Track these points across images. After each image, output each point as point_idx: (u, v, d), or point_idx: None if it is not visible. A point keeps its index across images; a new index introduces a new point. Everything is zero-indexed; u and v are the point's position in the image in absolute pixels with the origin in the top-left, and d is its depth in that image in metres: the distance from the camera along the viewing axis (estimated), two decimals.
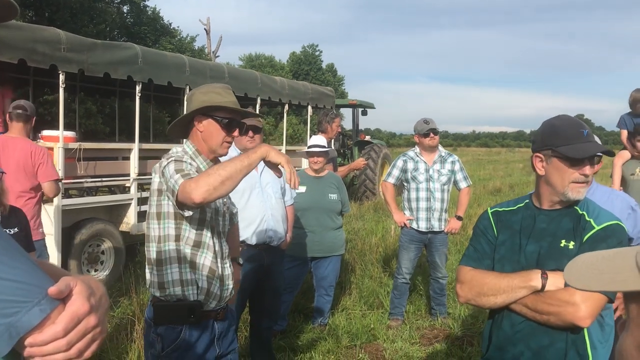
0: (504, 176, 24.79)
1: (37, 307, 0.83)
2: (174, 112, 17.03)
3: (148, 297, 5.37)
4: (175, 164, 2.29)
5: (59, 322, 0.85)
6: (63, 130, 6.08)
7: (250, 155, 2.18)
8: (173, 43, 26.13)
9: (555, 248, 2.00)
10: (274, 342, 4.60)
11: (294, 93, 9.95)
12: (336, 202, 5.08)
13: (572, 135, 1.96)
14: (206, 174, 2.14)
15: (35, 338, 0.84)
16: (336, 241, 5.13)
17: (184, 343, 2.40)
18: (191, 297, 2.40)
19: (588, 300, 1.83)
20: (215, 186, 2.09)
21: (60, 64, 5.87)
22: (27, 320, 0.82)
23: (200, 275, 2.41)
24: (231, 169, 2.12)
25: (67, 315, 0.86)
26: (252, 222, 3.87)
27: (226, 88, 2.50)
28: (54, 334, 0.85)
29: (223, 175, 2.10)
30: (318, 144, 5.02)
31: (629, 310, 0.77)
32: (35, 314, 0.83)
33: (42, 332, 0.84)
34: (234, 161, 2.16)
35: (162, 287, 2.41)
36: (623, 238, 1.96)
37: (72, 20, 19.80)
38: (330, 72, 53.58)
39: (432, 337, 5.17)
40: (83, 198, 6.67)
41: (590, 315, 1.84)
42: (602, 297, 1.86)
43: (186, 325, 2.40)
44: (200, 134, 2.46)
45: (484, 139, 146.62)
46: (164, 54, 7.78)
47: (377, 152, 13.55)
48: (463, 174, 5.38)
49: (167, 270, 2.39)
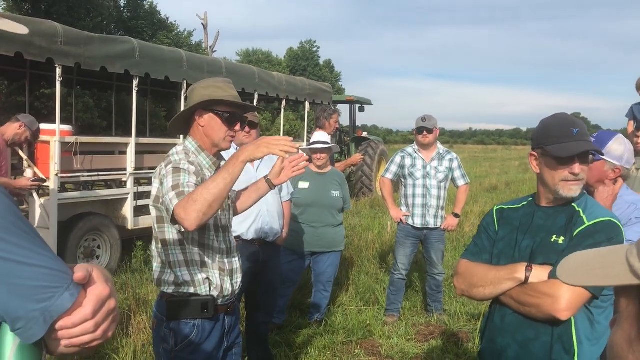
0: (500, 174, 24.84)
1: (68, 292, 0.88)
2: (171, 107, 17.01)
3: (144, 292, 5.39)
4: (172, 177, 2.26)
5: (86, 304, 0.90)
6: (60, 124, 6.06)
7: (231, 169, 2.12)
8: (170, 37, 26.09)
9: (546, 243, 2.03)
10: (271, 337, 4.60)
11: (292, 89, 9.94)
12: (338, 199, 5.09)
13: (562, 134, 1.98)
14: (192, 200, 2.08)
15: (67, 321, 0.88)
16: (336, 237, 5.14)
17: (198, 337, 2.43)
18: (204, 292, 2.42)
19: (567, 294, 1.86)
20: (204, 212, 2.07)
21: (57, 57, 5.85)
22: (61, 305, 0.87)
23: (211, 274, 2.44)
24: (215, 190, 2.08)
25: (94, 299, 0.91)
26: (248, 217, 3.86)
27: (227, 82, 2.49)
28: (84, 316, 0.90)
29: (209, 200, 2.07)
30: (321, 140, 5.01)
31: (620, 304, 0.78)
32: (67, 299, 0.88)
33: (72, 315, 0.88)
34: (217, 180, 2.10)
35: (174, 285, 2.42)
36: (613, 235, 1.94)
37: (69, 14, 19.74)
38: (327, 68, 53.52)
39: (428, 333, 5.19)
40: (79, 192, 6.66)
41: (568, 309, 1.87)
42: (583, 292, 1.87)
43: (199, 319, 2.42)
44: (202, 129, 2.45)
45: (480, 136, 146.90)
46: (162, 49, 7.76)
47: (374, 149, 13.56)
48: (461, 172, 5.38)
49: (178, 272, 2.41)
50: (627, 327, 0.76)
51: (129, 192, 6.80)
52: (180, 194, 2.16)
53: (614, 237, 1.94)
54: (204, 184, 2.14)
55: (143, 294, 5.37)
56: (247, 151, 2.15)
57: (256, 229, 3.95)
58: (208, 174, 2.44)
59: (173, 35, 27.37)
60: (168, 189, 2.22)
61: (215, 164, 2.50)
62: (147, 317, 4.72)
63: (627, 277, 0.72)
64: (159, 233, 2.44)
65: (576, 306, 1.89)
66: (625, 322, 0.77)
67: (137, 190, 6.90)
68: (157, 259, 2.48)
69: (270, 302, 4.17)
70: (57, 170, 5.90)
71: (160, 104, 17.88)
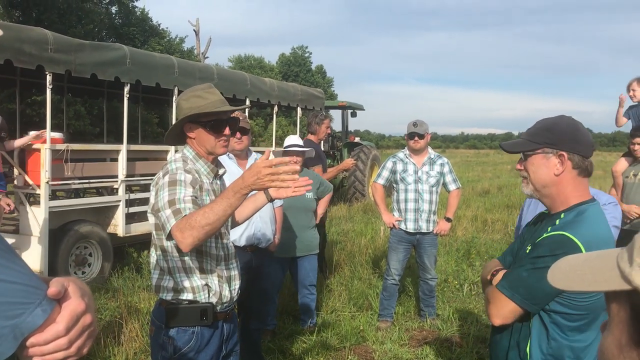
0: (492, 178, 24.92)
1: (40, 307, 0.85)
2: (162, 114, 16.99)
3: (135, 300, 5.36)
4: (169, 190, 2.26)
5: (60, 321, 0.88)
6: (50, 132, 6.03)
7: (232, 199, 2.11)
8: (162, 44, 26.05)
9: (522, 250, 2.04)
10: (264, 343, 4.59)
11: (284, 94, 9.94)
12: (312, 200, 5.14)
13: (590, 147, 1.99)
14: (189, 225, 2.09)
15: (38, 338, 0.86)
16: (313, 240, 5.18)
17: (197, 345, 2.41)
18: (203, 299, 2.42)
19: (496, 302, 1.93)
20: (200, 237, 2.11)
21: (47, 64, 5.83)
22: (32, 321, 0.84)
23: (210, 280, 2.43)
24: (213, 218, 2.09)
25: (67, 314, 0.89)
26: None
27: (207, 88, 2.48)
28: (56, 333, 0.87)
29: (206, 228, 2.10)
30: (295, 143, 5.01)
31: (610, 309, 0.78)
32: (38, 315, 0.85)
33: (44, 331, 0.86)
34: (215, 209, 2.10)
35: (173, 291, 2.41)
36: (556, 248, 1.82)
37: (60, 21, 19.69)
38: (319, 74, 53.62)
39: (421, 338, 5.18)
40: (71, 200, 6.63)
41: (496, 315, 1.94)
42: (515, 306, 1.89)
43: (198, 327, 2.41)
44: (194, 140, 2.47)
45: (472, 140, 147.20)
46: (153, 55, 7.74)
47: (367, 154, 13.58)
48: (452, 176, 5.40)
49: (177, 278, 2.40)
50: (617, 332, 0.76)
51: (121, 200, 6.77)
52: (177, 213, 2.17)
53: (559, 254, 1.82)
54: (203, 210, 2.13)
55: (135, 302, 5.34)
56: (248, 182, 2.10)
57: (248, 235, 3.94)
58: (206, 180, 2.46)
59: (165, 42, 27.34)
60: (164, 204, 2.23)
61: (213, 170, 2.52)
62: (139, 324, 4.69)
63: (617, 282, 0.71)
64: (157, 240, 2.44)
65: (507, 316, 1.92)
66: (615, 328, 0.76)
67: (129, 198, 6.87)
68: (156, 265, 2.47)
69: (263, 308, 4.16)
70: (47, 177, 5.87)
71: (152, 111, 17.85)
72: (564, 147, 1.91)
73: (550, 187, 1.95)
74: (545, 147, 1.94)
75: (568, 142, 1.91)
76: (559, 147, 1.91)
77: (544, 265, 1.80)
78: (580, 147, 1.91)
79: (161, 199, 2.26)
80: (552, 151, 1.93)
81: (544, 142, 1.94)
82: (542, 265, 1.81)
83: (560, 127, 1.95)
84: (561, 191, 1.93)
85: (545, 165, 1.94)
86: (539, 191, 1.98)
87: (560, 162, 1.91)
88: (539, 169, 1.95)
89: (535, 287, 1.84)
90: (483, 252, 8.35)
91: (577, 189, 1.93)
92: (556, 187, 1.94)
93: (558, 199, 1.95)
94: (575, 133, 1.93)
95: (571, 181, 1.92)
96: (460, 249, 8.46)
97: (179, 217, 2.15)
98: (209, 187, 2.46)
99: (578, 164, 1.91)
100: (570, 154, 1.90)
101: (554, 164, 1.92)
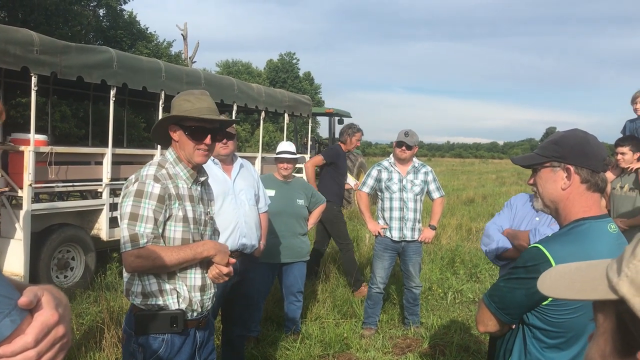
0: (477, 187, 25.04)
1: (8, 318, 0.82)
2: (149, 117, 16.87)
3: (118, 305, 5.30)
4: (133, 200, 2.33)
5: (29, 332, 0.84)
6: (34, 134, 5.97)
7: (197, 256, 2.40)
8: (149, 48, 25.89)
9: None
10: (247, 350, 4.56)
11: (271, 100, 9.94)
12: (303, 207, 5.13)
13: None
14: (149, 257, 2.29)
15: (4, 349, 0.83)
16: (303, 246, 5.17)
17: (167, 353, 2.37)
18: (172, 306, 2.38)
19: (480, 308, 1.96)
20: (147, 270, 2.33)
21: (33, 66, 5.78)
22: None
23: (178, 286, 2.40)
24: (172, 262, 2.32)
25: (38, 326, 0.85)
26: (225, 229, 3.82)
27: (200, 94, 2.46)
28: (24, 345, 0.83)
29: (161, 269, 2.34)
30: (287, 150, 5.00)
31: (596, 319, 0.78)
32: (6, 325, 0.82)
33: (12, 343, 0.83)
34: (178, 256, 2.33)
35: (141, 296, 2.38)
36: (528, 260, 1.82)
37: (47, 22, 19.53)
38: (307, 80, 53.67)
39: (405, 346, 5.18)
40: (54, 203, 6.56)
41: (479, 322, 1.97)
42: (492, 317, 1.91)
43: (168, 334, 2.38)
44: (177, 143, 2.45)
45: (458, 149, 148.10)
46: (140, 59, 7.70)
47: (353, 161, 13.60)
48: (436, 185, 5.42)
49: (145, 281, 2.37)
50: (602, 342, 0.76)
51: (105, 203, 6.71)
52: (135, 239, 2.29)
53: (530, 267, 1.81)
54: (170, 251, 2.32)
55: (117, 307, 5.29)
56: (209, 252, 2.42)
57: (233, 240, 3.91)
58: (183, 185, 2.43)
59: (152, 46, 27.18)
60: (124, 214, 2.32)
61: (193, 175, 2.48)
62: (121, 330, 4.64)
63: (604, 291, 0.71)
64: None
65: (487, 324, 1.94)
66: (600, 338, 0.76)
67: (113, 201, 6.81)
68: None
69: (247, 315, 4.13)
70: (31, 180, 5.80)
71: (139, 115, 17.73)
72: (571, 161, 1.85)
73: (558, 202, 1.89)
74: (553, 160, 1.89)
75: (576, 155, 1.85)
76: (566, 160, 1.86)
77: (517, 276, 1.83)
78: (589, 160, 1.84)
79: (124, 207, 2.32)
80: (559, 165, 1.88)
81: (552, 155, 1.90)
82: (515, 277, 1.84)
83: (568, 140, 1.90)
84: (567, 206, 1.87)
85: (552, 179, 1.89)
86: (548, 206, 1.94)
87: (567, 176, 1.86)
88: (546, 183, 1.91)
89: (507, 297, 1.85)
90: (467, 260, 8.38)
91: (584, 204, 1.85)
92: (563, 203, 1.88)
93: (562, 213, 1.89)
94: (584, 146, 1.86)
95: (578, 196, 1.85)
96: (445, 257, 8.48)
97: (136, 246, 2.27)
98: (187, 192, 2.44)
99: (586, 178, 1.84)
100: (577, 167, 1.84)
101: (561, 177, 1.87)
